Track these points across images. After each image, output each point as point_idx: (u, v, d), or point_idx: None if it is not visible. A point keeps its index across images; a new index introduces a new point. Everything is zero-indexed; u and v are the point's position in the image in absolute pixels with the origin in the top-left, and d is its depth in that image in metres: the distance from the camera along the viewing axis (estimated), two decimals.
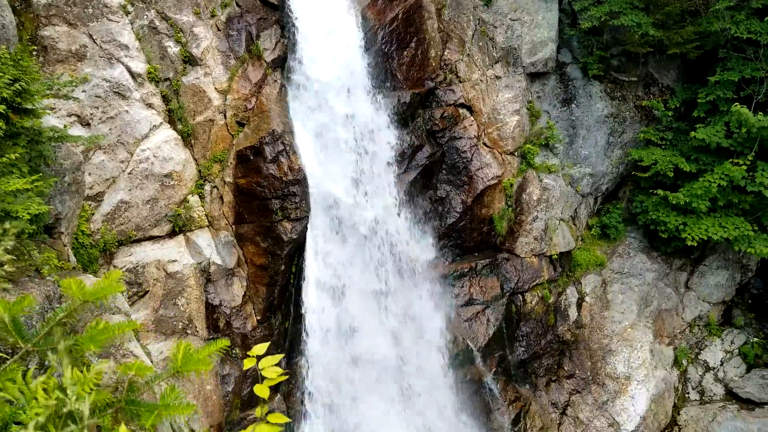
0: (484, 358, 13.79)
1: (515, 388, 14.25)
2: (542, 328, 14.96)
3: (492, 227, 14.64)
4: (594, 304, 15.58)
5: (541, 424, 14.19)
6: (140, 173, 10.50)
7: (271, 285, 11.66)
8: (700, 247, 16.29)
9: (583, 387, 14.98)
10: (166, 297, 10.44)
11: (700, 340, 16.51)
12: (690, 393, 15.88)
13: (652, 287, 16.05)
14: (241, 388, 11.17)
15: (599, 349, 15.28)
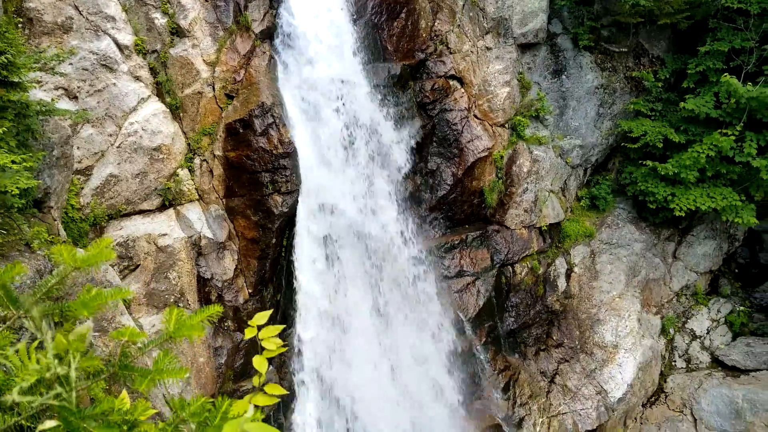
0: (474, 329, 13.93)
1: (505, 357, 14.43)
2: (531, 299, 15.12)
3: (482, 199, 14.70)
4: (583, 275, 15.74)
5: (530, 392, 14.41)
6: (129, 147, 10.44)
7: (262, 258, 11.69)
8: (688, 218, 16.44)
9: (571, 356, 15.19)
10: (157, 271, 10.46)
11: (687, 309, 16.73)
12: (677, 361, 16.15)
13: (640, 257, 16.22)
14: (234, 360, 11.26)
15: (587, 319, 15.47)
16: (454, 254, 14.17)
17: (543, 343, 15.18)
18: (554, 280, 15.50)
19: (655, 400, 15.53)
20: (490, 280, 14.41)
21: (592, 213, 16.75)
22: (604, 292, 15.67)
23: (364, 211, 12.25)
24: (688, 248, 16.88)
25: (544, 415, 14.31)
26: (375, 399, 11.72)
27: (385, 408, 11.88)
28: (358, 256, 12.18)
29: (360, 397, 11.66)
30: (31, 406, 1.31)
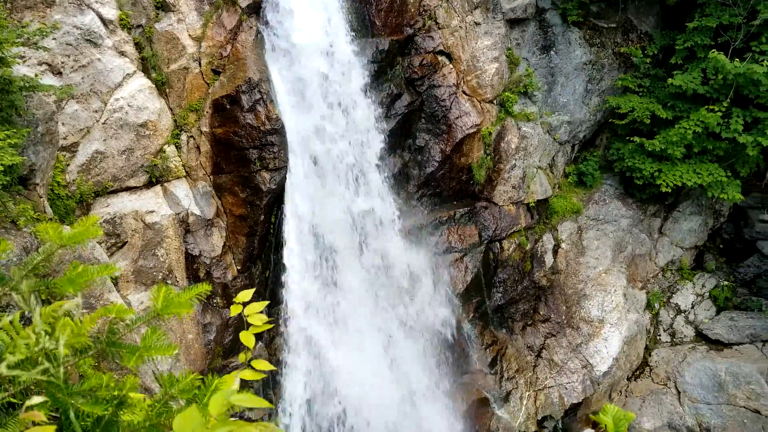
0: (462, 304, 14.04)
1: (492, 332, 14.58)
2: (519, 275, 15.23)
3: (471, 176, 14.72)
4: (570, 251, 15.86)
5: (517, 367, 14.59)
6: (115, 123, 10.35)
7: (250, 235, 11.68)
8: (674, 194, 16.56)
9: (558, 330, 15.36)
10: (145, 248, 10.44)
11: (672, 284, 16.93)
12: (661, 335, 16.37)
13: (626, 233, 16.35)
14: (223, 337, 11.31)
15: (574, 294, 15.62)
16: (443, 231, 14.22)
17: (530, 318, 15.33)
18: (541, 256, 15.61)
19: (639, 374, 15.77)
20: (478, 256, 14.49)
21: (580, 189, 16.84)
22: (590, 268, 15.81)
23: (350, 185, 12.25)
24: (674, 224, 17.04)
25: (531, 388, 14.50)
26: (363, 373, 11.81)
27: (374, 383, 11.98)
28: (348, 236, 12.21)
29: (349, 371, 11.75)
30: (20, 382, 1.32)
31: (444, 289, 13.68)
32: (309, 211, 11.82)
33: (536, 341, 15.15)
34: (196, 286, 1.91)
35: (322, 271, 11.90)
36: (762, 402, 14.09)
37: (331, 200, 12.00)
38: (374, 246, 12.57)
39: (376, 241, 12.58)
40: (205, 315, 11.18)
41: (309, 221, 11.81)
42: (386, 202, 12.83)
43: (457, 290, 13.97)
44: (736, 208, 17.58)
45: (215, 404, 1.59)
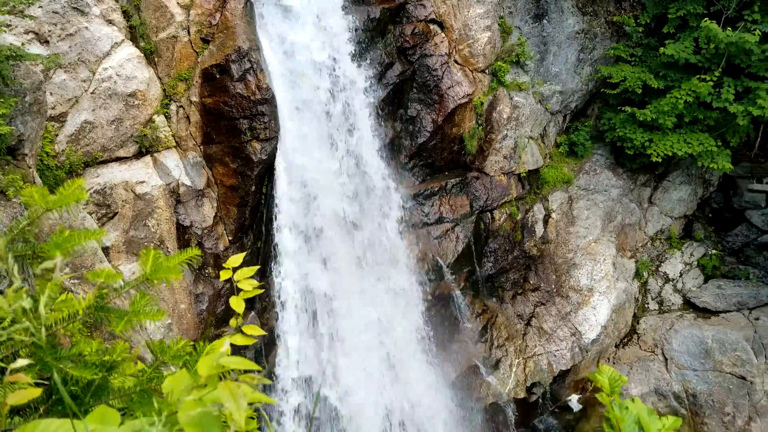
0: (453, 274, 14.13)
1: (483, 301, 14.71)
2: (510, 244, 15.32)
3: (462, 146, 14.70)
4: (560, 220, 15.94)
5: (507, 335, 14.76)
6: (103, 93, 10.26)
7: (242, 206, 11.68)
8: (664, 163, 16.62)
9: (547, 299, 15.51)
10: (135, 218, 10.43)
11: (661, 253, 17.08)
12: (649, 303, 16.57)
13: (616, 203, 16.43)
14: (216, 306, 11.37)
15: (564, 263, 15.74)
16: (434, 201, 14.25)
17: (520, 288, 15.46)
18: (532, 225, 15.69)
19: (627, 341, 15.99)
20: (469, 226, 14.55)
21: (571, 159, 16.86)
22: (580, 237, 15.92)
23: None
24: (663, 193, 17.13)
25: (520, 356, 14.69)
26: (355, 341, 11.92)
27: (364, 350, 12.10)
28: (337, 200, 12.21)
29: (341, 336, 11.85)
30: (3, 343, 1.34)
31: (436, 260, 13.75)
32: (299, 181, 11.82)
33: (526, 310, 15.31)
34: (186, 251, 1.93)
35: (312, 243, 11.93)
36: (747, 368, 14.33)
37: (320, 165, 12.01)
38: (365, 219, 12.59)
39: (367, 213, 12.61)
40: (197, 285, 11.22)
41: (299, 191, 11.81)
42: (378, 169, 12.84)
43: (448, 260, 14.05)
44: (725, 177, 17.67)
45: (204, 367, 1.62)
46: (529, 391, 14.62)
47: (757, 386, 14.15)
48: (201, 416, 1.50)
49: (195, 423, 1.48)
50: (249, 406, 1.56)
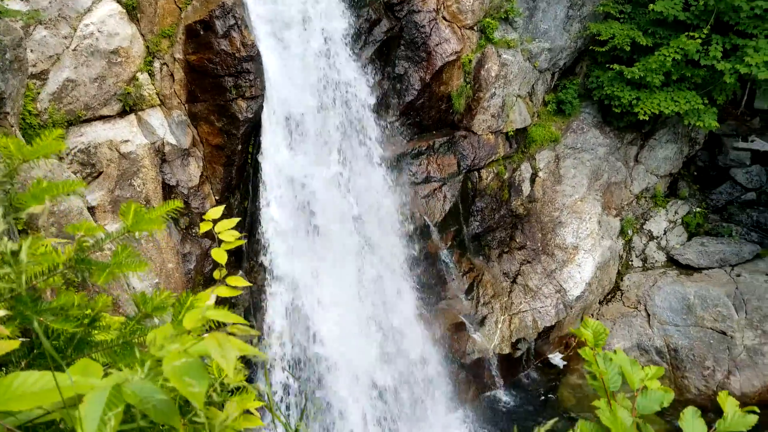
0: (440, 233, 14.21)
1: (469, 260, 14.83)
2: (496, 203, 15.38)
3: (450, 105, 14.63)
4: (547, 179, 16.00)
5: (493, 292, 14.93)
6: (85, 50, 10.07)
7: (228, 165, 11.62)
8: (651, 122, 16.65)
9: (533, 257, 15.67)
10: (121, 178, 10.35)
11: (646, 211, 17.23)
12: (633, 260, 16.77)
13: (603, 161, 16.49)
14: (203, 266, 11.40)
15: (550, 222, 15.86)
16: (422, 160, 14.24)
17: (506, 246, 15.59)
18: (519, 184, 15.74)
19: (611, 298, 16.23)
20: (456, 185, 14.58)
21: (558, 118, 16.84)
22: (567, 196, 16.00)
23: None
24: (649, 152, 17.20)
25: (506, 313, 14.90)
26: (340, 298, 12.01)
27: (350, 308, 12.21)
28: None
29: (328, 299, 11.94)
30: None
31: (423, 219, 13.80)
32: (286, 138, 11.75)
33: (512, 268, 15.46)
34: (168, 203, 1.92)
35: (299, 198, 11.92)
36: (728, 323, 14.61)
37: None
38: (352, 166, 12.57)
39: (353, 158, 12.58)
40: (185, 245, 11.22)
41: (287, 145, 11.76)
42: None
43: (435, 219, 14.11)
44: (711, 135, 17.74)
45: (190, 320, 1.62)
46: (514, 347, 14.87)
47: (737, 341, 14.45)
48: (187, 367, 1.50)
49: (181, 374, 1.48)
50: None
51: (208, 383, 1.47)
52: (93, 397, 1.38)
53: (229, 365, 1.47)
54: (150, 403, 1.44)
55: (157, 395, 1.44)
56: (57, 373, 1.38)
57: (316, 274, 11.90)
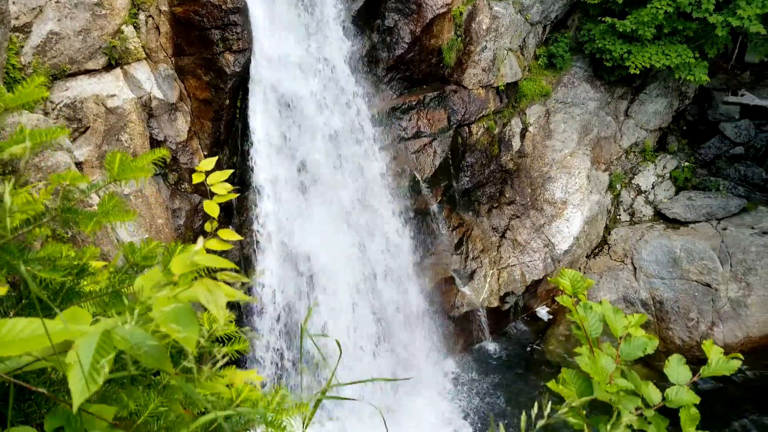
0: (430, 189, 14.23)
1: (459, 215, 14.90)
2: (486, 159, 15.38)
3: (440, 59, 14.49)
4: (537, 134, 15.97)
5: (482, 247, 15.05)
6: (68, 1, 9.85)
7: (216, 120, 11.53)
8: (642, 76, 16.57)
9: (522, 212, 15.75)
10: (108, 133, 10.26)
11: (634, 165, 17.28)
12: (621, 215, 16.90)
13: (593, 116, 16.46)
14: (193, 221, 11.40)
15: (539, 177, 15.90)
16: (412, 115, 14.16)
17: (496, 201, 15.65)
18: (509, 139, 15.72)
19: (598, 252, 16.41)
20: (446, 140, 14.54)
21: (549, 72, 16.71)
22: (556, 151, 16.01)
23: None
24: (639, 106, 17.16)
25: (494, 267, 15.05)
26: (332, 252, 12.07)
27: (341, 262, 12.29)
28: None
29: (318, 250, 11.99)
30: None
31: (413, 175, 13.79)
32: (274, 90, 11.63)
33: (501, 223, 15.55)
34: (154, 151, 1.91)
35: (289, 152, 11.87)
36: (713, 276, 14.84)
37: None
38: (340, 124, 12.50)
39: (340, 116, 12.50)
40: (174, 200, 11.20)
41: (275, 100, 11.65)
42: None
43: (425, 175, 14.11)
44: (701, 89, 17.69)
45: (177, 265, 1.61)
46: (502, 301, 15.07)
47: (722, 293, 14.70)
48: (176, 312, 1.50)
49: (170, 319, 1.48)
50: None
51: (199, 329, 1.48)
52: (83, 343, 1.38)
53: (218, 311, 1.48)
54: (141, 348, 1.45)
55: (148, 341, 1.45)
56: (46, 319, 1.39)
57: (307, 229, 11.93)
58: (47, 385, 1.79)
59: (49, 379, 1.84)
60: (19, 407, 1.85)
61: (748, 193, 16.72)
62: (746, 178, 16.95)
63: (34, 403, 1.88)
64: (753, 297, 14.55)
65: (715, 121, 17.50)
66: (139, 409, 1.89)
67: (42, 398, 1.86)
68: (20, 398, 1.83)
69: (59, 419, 1.66)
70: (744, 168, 17.03)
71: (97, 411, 1.72)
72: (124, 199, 9.72)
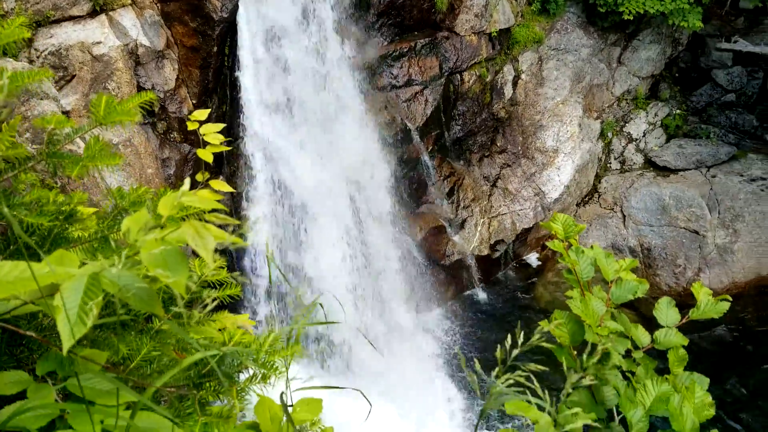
0: (421, 137, 14.15)
1: (450, 164, 14.86)
2: (478, 107, 15.26)
3: (432, 3, 14.21)
4: (529, 82, 15.82)
5: (473, 196, 15.07)
6: None
7: (204, 67, 11.35)
8: (635, 22, 16.36)
9: (513, 161, 15.72)
10: (94, 81, 10.08)
11: (626, 113, 17.21)
12: (612, 163, 16.91)
13: (586, 63, 16.29)
14: (183, 172, 11.33)
15: (531, 125, 15.82)
16: (403, 63, 13.97)
17: (487, 150, 15.59)
18: (501, 87, 15.57)
19: (588, 200, 16.47)
20: (438, 88, 14.39)
21: (543, 18, 16.45)
22: (548, 99, 15.89)
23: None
24: (632, 53, 16.99)
25: (485, 216, 15.10)
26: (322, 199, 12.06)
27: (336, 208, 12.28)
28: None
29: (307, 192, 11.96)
30: None
31: (404, 123, 13.69)
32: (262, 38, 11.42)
33: (492, 171, 15.54)
34: (140, 94, 1.87)
35: (278, 99, 11.74)
36: (701, 223, 14.96)
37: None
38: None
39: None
40: (164, 150, 11.11)
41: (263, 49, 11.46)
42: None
43: (416, 123, 14.01)
44: (694, 36, 17.50)
45: (164, 205, 1.58)
46: (492, 249, 15.17)
47: (709, 240, 14.85)
48: (165, 254, 1.48)
49: (159, 262, 1.46)
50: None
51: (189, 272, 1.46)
52: (71, 286, 1.37)
53: (207, 253, 1.46)
54: (129, 291, 1.43)
55: (137, 283, 1.44)
56: (33, 263, 1.37)
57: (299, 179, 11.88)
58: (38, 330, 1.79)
59: (39, 325, 1.84)
60: (11, 352, 1.86)
61: (738, 140, 16.73)
62: (737, 126, 16.93)
63: (25, 348, 1.88)
64: (740, 243, 14.71)
65: (708, 68, 17.36)
66: (132, 353, 1.90)
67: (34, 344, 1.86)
68: (12, 343, 1.83)
69: (51, 363, 1.66)
70: (735, 115, 16.99)
71: (89, 355, 1.72)
72: (113, 147, 9.63)
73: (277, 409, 1.81)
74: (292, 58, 11.72)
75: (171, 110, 11.11)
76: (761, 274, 14.69)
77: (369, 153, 13.04)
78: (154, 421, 1.62)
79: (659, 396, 2.26)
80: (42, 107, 8.71)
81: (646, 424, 2.21)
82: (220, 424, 1.98)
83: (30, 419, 1.54)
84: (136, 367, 1.88)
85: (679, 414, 2.15)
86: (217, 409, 2.06)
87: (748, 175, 15.69)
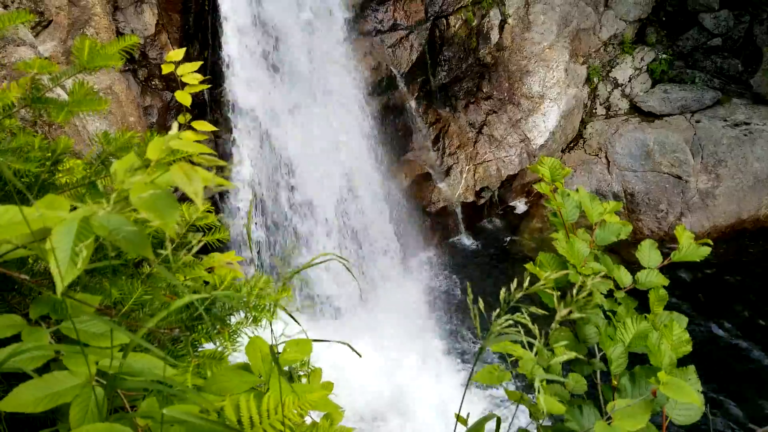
0: (407, 84, 14.04)
1: (436, 111, 14.78)
2: (464, 52, 15.09)
3: None
4: (516, 26, 15.61)
5: (459, 143, 15.05)
6: None
7: (185, 12, 11.13)
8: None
9: (499, 107, 15.66)
10: (72, 27, 9.85)
11: (612, 58, 17.09)
12: (597, 108, 16.89)
13: (573, 6, 16.07)
14: (166, 119, 11.22)
15: (517, 71, 15.69)
16: (388, 6, 13.73)
17: (473, 96, 15.50)
18: (487, 32, 15.37)
19: (573, 146, 16.50)
20: (423, 33, 14.21)
21: None
22: (535, 44, 15.72)
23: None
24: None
25: (471, 163, 15.12)
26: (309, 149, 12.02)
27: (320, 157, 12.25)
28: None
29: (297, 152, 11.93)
30: None
31: (389, 69, 13.55)
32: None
33: (478, 118, 15.48)
34: (124, 38, 1.84)
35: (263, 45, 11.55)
36: (684, 168, 15.07)
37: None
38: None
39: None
40: (145, 97, 10.97)
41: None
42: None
43: (402, 70, 13.88)
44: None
45: (153, 149, 1.58)
46: (478, 195, 15.25)
47: (692, 185, 14.99)
48: (155, 197, 1.49)
49: (149, 205, 1.47)
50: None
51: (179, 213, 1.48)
52: (62, 229, 1.38)
53: (197, 196, 1.47)
54: (120, 234, 1.45)
55: (127, 226, 1.45)
56: (23, 207, 1.37)
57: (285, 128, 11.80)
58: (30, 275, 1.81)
59: (31, 270, 1.86)
60: (3, 297, 1.88)
61: (723, 85, 16.71)
62: (722, 71, 16.89)
63: (17, 293, 1.90)
64: (721, 188, 14.87)
65: (695, 12, 17.19)
66: (124, 297, 1.93)
67: (26, 288, 1.88)
68: (3, 288, 1.85)
69: (44, 307, 1.69)
70: (720, 60, 16.93)
71: (83, 299, 1.74)
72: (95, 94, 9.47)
73: (267, 348, 1.86)
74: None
75: (152, 56, 10.92)
76: (742, 218, 14.92)
77: (353, 99, 12.94)
78: (148, 362, 1.66)
79: (639, 333, 2.34)
80: (19, 53, 8.51)
81: (625, 360, 2.29)
82: (212, 364, 2.03)
83: (26, 361, 1.58)
84: (128, 311, 1.91)
85: (658, 350, 2.23)
86: (209, 351, 2.11)
87: (732, 120, 15.74)
